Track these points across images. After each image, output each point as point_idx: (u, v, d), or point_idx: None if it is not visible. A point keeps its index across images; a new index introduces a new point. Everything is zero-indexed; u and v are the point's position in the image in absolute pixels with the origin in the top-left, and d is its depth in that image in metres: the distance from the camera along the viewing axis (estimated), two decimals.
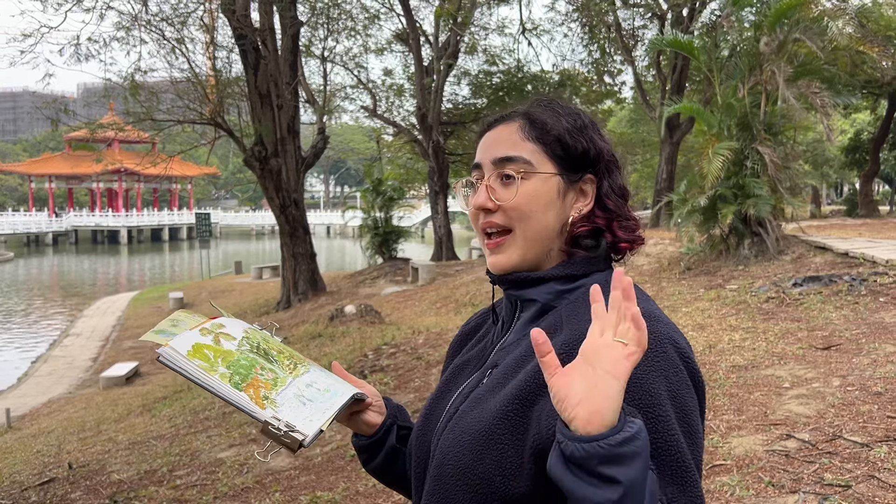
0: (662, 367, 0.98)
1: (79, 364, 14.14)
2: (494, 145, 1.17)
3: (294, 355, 1.29)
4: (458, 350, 1.34)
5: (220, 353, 1.17)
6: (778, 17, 10.62)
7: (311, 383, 1.23)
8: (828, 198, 48.13)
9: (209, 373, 1.12)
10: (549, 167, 1.14)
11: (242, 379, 1.14)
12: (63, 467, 6.63)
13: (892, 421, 4.24)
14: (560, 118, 1.17)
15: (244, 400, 1.11)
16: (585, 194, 1.17)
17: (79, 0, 13.74)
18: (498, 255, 1.15)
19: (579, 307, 1.10)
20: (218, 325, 1.26)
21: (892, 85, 20.60)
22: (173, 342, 1.14)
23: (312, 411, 1.16)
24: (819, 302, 7.77)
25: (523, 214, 1.13)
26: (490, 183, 1.15)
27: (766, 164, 10.52)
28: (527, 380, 1.04)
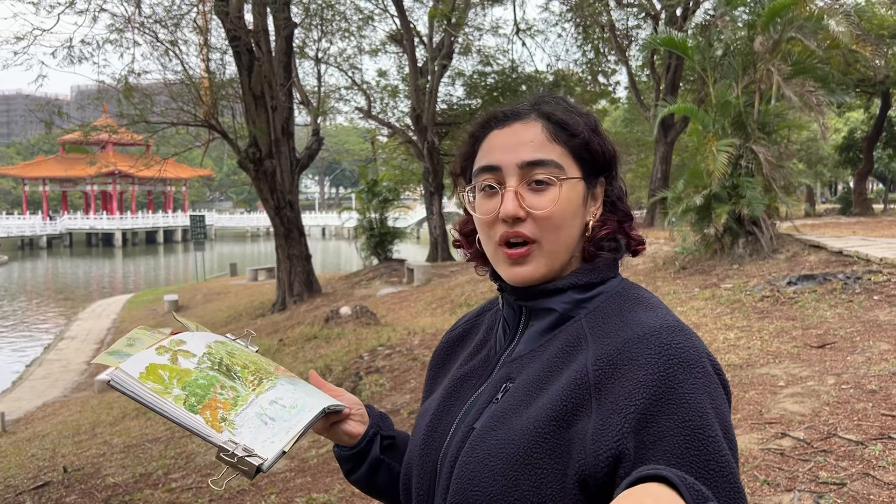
0: (705, 384, 0.94)
1: (74, 367, 14.10)
2: (518, 146, 1.07)
3: (261, 369, 1.20)
4: (446, 359, 1.28)
5: (177, 372, 1.09)
6: (772, 16, 10.65)
7: (276, 399, 1.14)
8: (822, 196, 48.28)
9: (162, 396, 1.04)
10: (576, 172, 1.08)
11: (199, 400, 1.06)
12: (58, 471, 6.60)
13: (886, 419, 4.25)
14: (577, 118, 1.10)
15: (199, 423, 1.03)
16: (597, 198, 1.12)
17: (71, 2, 13.70)
18: (523, 267, 1.06)
19: (603, 318, 1.05)
20: (178, 341, 1.16)
21: (885, 84, 20.67)
22: (125, 364, 1.06)
23: (275, 431, 1.07)
24: (813, 300, 7.78)
25: (555, 225, 1.05)
26: (520, 189, 1.06)
27: (760, 163, 10.54)
28: (561, 398, 0.98)
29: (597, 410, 0.95)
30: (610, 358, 0.97)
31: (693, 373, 0.94)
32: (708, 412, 0.92)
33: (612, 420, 0.93)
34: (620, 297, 1.08)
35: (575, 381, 0.98)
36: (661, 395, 0.92)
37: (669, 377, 0.93)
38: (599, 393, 0.95)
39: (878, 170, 34.44)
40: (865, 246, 10.43)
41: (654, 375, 0.93)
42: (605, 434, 0.92)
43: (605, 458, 0.92)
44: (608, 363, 0.97)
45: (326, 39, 21.44)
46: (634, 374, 0.94)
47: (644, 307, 1.04)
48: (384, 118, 24.60)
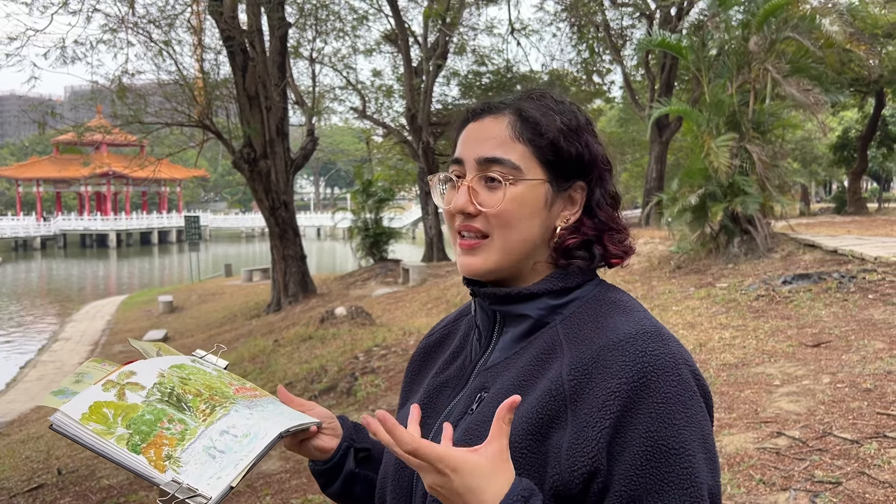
0: (679, 393, 0.92)
1: (68, 369, 14.04)
2: (480, 141, 1.05)
3: (217, 393, 1.14)
4: (423, 365, 1.25)
5: (122, 409, 1.04)
6: (766, 16, 10.67)
7: (228, 429, 1.08)
8: (817, 195, 48.39)
9: (105, 437, 0.99)
10: (538, 173, 1.04)
11: (143, 438, 1.01)
12: (52, 473, 6.58)
13: (881, 417, 4.26)
14: (554, 117, 1.06)
15: (142, 464, 0.98)
16: (574, 202, 1.08)
17: (65, 2, 13.65)
18: (471, 258, 1.06)
19: (578, 324, 1.02)
20: (127, 373, 1.10)
21: (879, 83, 20.72)
22: (66, 406, 1.01)
23: (223, 465, 1.02)
24: (808, 299, 7.80)
25: (505, 223, 1.03)
26: (472, 184, 1.04)
27: (754, 163, 10.56)
28: (536, 411, 0.95)
29: (572, 422, 0.93)
30: (584, 367, 0.96)
31: (667, 380, 0.92)
32: (677, 422, 0.91)
33: (587, 433, 0.91)
34: (596, 301, 1.05)
35: (550, 392, 0.96)
36: (632, 405, 0.91)
37: (641, 386, 0.91)
38: (575, 404, 0.94)
39: (872, 169, 34.56)
40: (860, 245, 10.45)
41: (626, 385, 0.92)
42: (580, 449, 0.91)
43: (579, 473, 0.91)
44: (583, 372, 0.95)
45: (321, 39, 21.40)
46: (608, 383, 0.93)
47: (620, 311, 1.02)
48: (379, 118, 24.58)
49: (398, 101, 24.55)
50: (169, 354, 1.22)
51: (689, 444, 0.91)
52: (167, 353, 1.23)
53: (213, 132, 15.71)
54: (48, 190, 62.93)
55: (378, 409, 1.32)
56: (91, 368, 1.14)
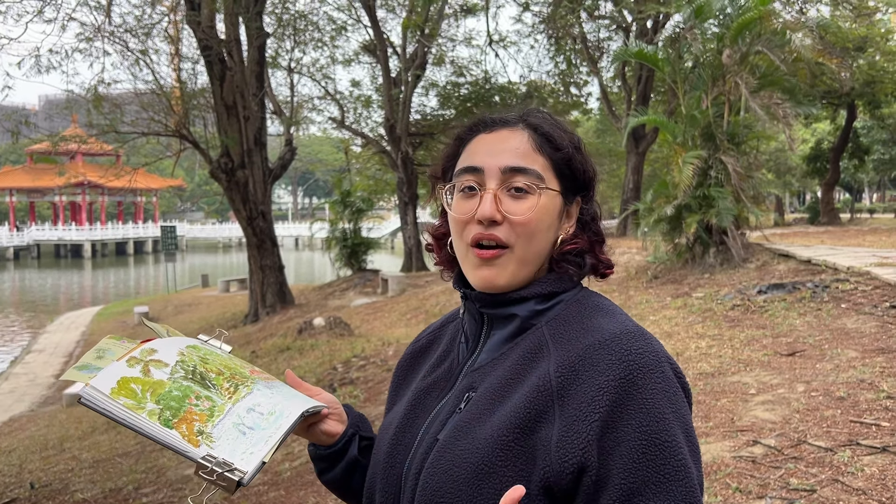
0: (665, 388, 0.97)
1: (41, 381, 13.85)
2: (503, 152, 1.08)
3: (237, 373, 1.17)
4: (409, 370, 1.27)
5: (150, 385, 1.05)
6: (740, 30, 10.82)
7: (254, 407, 1.11)
8: (791, 206, 49.03)
9: (136, 412, 1.00)
10: (555, 185, 1.09)
11: (174, 414, 1.02)
12: (25, 487, 6.48)
13: (854, 425, 4.32)
14: (562, 133, 1.12)
15: (175, 439, 0.99)
16: (570, 216, 1.13)
17: (39, 11, 13.54)
18: (490, 269, 1.07)
19: (564, 325, 1.06)
20: (149, 350, 1.12)
21: (850, 95, 21.09)
22: (95, 380, 1.02)
23: (253, 441, 1.04)
24: (783, 309, 7.89)
25: (530, 232, 1.06)
26: (499, 193, 1.07)
27: (729, 174, 10.69)
28: (524, 406, 0.99)
29: (560, 417, 0.96)
30: (572, 364, 0.99)
31: (653, 377, 0.96)
32: (667, 416, 0.95)
33: (577, 427, 0.94)
34: (580, 304, 1.10)
35: (537, 389, 0.99)
36: (621, 401, 0.95)
37: (629, 382, 0.95)
38: (562, 399, 0.97)
39: (844, 180, 35.11)
40: (833, 255, 10.61)
41: (614, 381, 0.95)
42: (570, 442, 0.94)
43: (570, 466, 0.93)
44: (570, 370, 0.99)
45: (299, 49, 21.40)
46: (596, 379, 0.96)
47: (603, 314, 1.07)
48: (358, 128, 24.58)
49: (377, 111, 24.58)
50: (176, 336, 1.24)
51: (678, 437, 0.95)
52: (175, 335, 1.25)
53: (190, 142, 15.63)
54: (21, 199, 62.09)
55: None
56: (111, 345, 1.14)
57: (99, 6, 14.19)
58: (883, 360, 5.55)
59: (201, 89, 16.61)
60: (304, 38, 20.97)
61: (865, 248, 12.37)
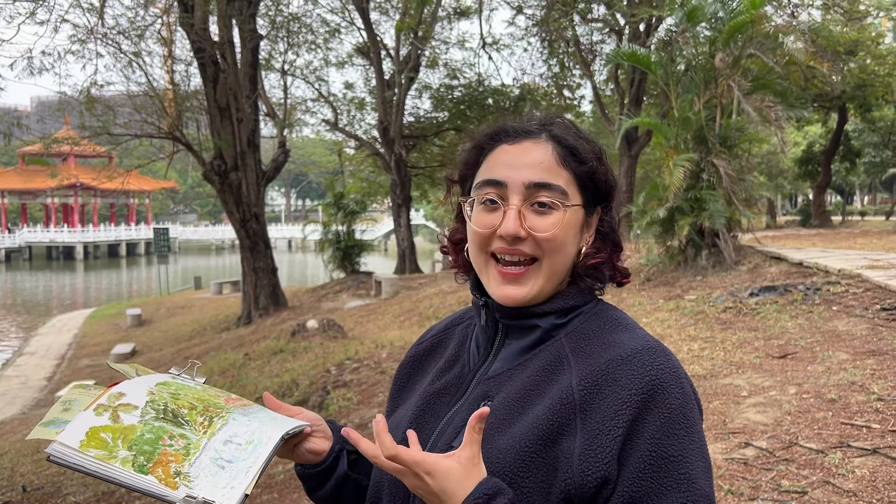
0: (682, 405, 0.99)
1: (33, 384, 13.79)
2: (526, 166, 1.07)
3: (210, 405, 1.13)
4: (413, 373, 1.26)
5: (120, 431, 1.01)
6: (732, 33, 10.87)
7: (230, 438, 1.07)
8: (783, 208, 49.20)
9: (108, 461, 0.97)
10: (578, 199, 1.09)
11: (148, 458, 0.99)
12: (17, 490, 6.45)
13: (845, 427, 4.34)
14: (585, 144, 1.11)
15: (152, 484, 0.96)
16: (590, 226, 1.13)
17: (32, 13, 13.50)
18: (517, 287, 1.07)
19: (584, 338, 1.07)
20: (116, 395, 1.08)
21: (841, 99, 21.19)
22: (62, 435, 0.98)
23: (233, 475, 1.01)
24: (775, 311, 7.92)
25: (556, 248, 1.06)
26: (523, 209, 1.06)
27: (721, 177, 10.72)
28: (547, 418, 0.99)
29: (582, 430, 0.97)
30: (594, 379, 1.01)
31: (672, 393, 0.99)
32: (678, 432, 0.97)
33: (600, 441, 0.96)
34: (598, 317, 1.10)
35: (560, 401, 1.00)
36: (640, 416, 0.97)
37: (649, 398, 0.98)
38: (584, 413, 0.99)
39: (835, 182, 35.23)
40: (824, 257, 10.65)
41: (636, 396, 0.97)
42: (594, 455, 0.96)
43: (593, 479, 0.95)
44: (593, 384, 1.00)
45: (293, 51, 21.42)
46: (618, 394, 0.98)
47: (623, 329, 1.08)
48: (351, 130, 24.58)
49: (370, 113, 24.58)
50: (146, 374, 1.20)
51: (689, 452, 0.97)
52: (144, 373, 1.21)
53: (183, 144, 15.61)
54: (13, 201, 61.86)
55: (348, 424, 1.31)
56: (77, 395, 1.11)
57: (92, 8, 14.17)
58: (874, 362, 5.58)
59: (194, 91, 16.60)
60: (298, 41, 20.99)
61: (856, 250, 12.42)
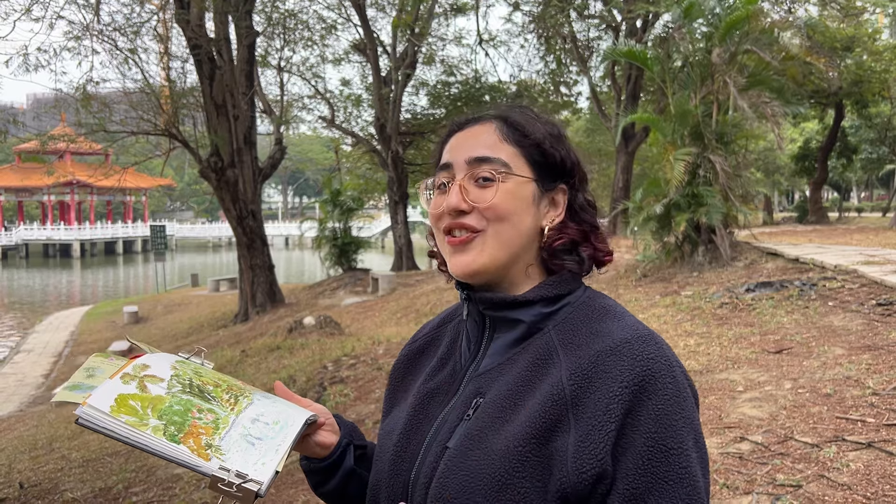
0: (675, 394, 0.97)
1: (30, 381, 13.79)
2: (469, 145, 1.10)
3: (233, 385, 1.14)
4: (407, 372, 1.26)
5: (149, 401, 1.01)
6: (728, 29, 10.88)
7: (258, 417, 1.08)
8: (779, 205, 49.28)
9: (139, 429, 0.96)
10: (526, 172, 1.09)
11: (179, 428, 0.99)
12: (14, 487, 6.45)
13: (840, 422, 4.36)
14: (537, 124, 1.13)
15: (185, 454, 0.97)
16: (557, 205, 1.12)
17: (27, 9, 13.46)
18: (464, 255, 1.07)
19: (572, 329, 1.05)
20: (141, 366, 1.08)
21: (838, 95, 21.21)
22: (92, 399, 0.98)
23: (264, 451, 1.02)
24: (771, 307, 7.94)
25: (499, 215, 1.06)
26: (464, 183, 1.08)
27: (717, 173, 10.74)
28: (539, 415, 0.98)
29: (575, 426, 0.96)
30: (584, 372, 0.98)
31: (664, 383, 0.96)
32: (676, 422, 0.95)
33: (593, 437, 0.94)
34: (587, 307, 1.08)
35: (551, 397, 0.98)
36: (633, 408, 0.95)
37: (641, 390, 0.95)
38: (576, 408, 0.96)
39: (832, 179, 35.29)
40: (820, 253, 10.68)
41: (628, 388, 0.95)
42: (588, 452, 0.94)
43: (588, 476, 0.93)
44: (583, 377, 0.98)
45: (289, 48, 21.36)
46: (609, 387, 0.96)
47: (612, 317, 1.05)
48: (348, 127, 24.56)
49: (367, 110, 24.56)
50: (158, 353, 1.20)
51: (686, 442, 0.95)
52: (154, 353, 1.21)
53: (179, 141, 15.58)
54: (9, 199, 61.73)
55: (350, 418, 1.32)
56: (99, 363, 1.11)
57: (87, 4, 14.13)
58: (869, 357, 5.60)
59: (191, 88, 16.56)
60: (294, 37, 20.94)
61: (853, 246, 12.45)
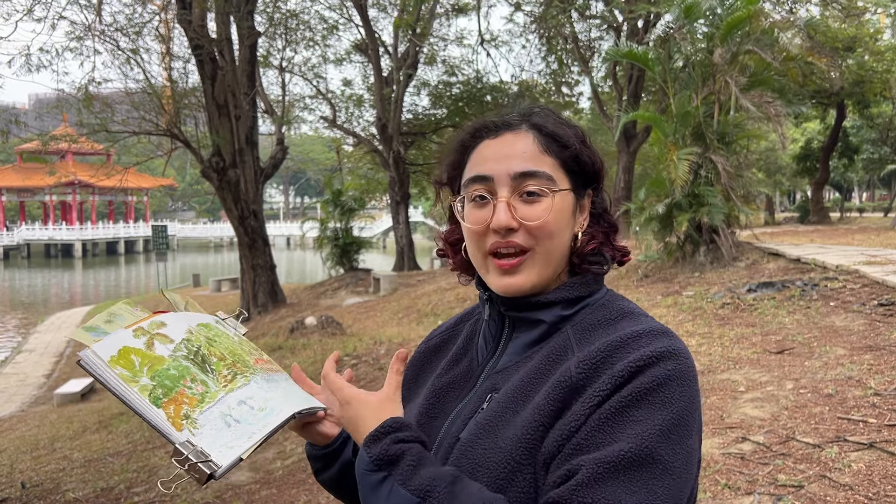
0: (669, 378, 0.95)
1: (32, 381, 13.80)
2: (510, 157, 1.07)
3: (239, 361, 1.16)
4: (422, 369, 1.27)
5: (149, 359, 1.04)
6: (730, 29, 10.87)
7: (246, 399, 1.09)
8: (781, 205, 49.24)
9: (129, 383, 0.99)
10: (566, 183, 1.09)
11: (165, 393, 1.01)
12: (16, 487, 6.46)
13: (842, 422, 4.36)
14: (567, 129, 1.11)
15: (160, 419, 0.98)
16: (584, 209, 1.13)
17: (29, 10, 13.48)
18: (515, 277, 1.06)
19: (590, 329, 1.06)
20: (158, 323, 1.11)
21: (839, 95, 21.19)
22: (97, 345, 1.02)
23: (236, 436, 1.02)
24: (772, 307, 7.94)
25: (550, 233, 1.06)
26: (511, 200, 1.06)
27: (719, 173, 10.73)
28: (547, 403, 0.98)
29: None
30: (592, 360, 0.98)
31: (661, 367, 0.94)
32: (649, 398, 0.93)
33: (577, 410, 0.95)
34: (606, 308, 1.09)
35: (559, 385, 0.99)
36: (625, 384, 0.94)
37: (638, 371, 0.94)
38: (581, 394, 0.97)
39: (834, 179, 35.26)
40: (822, 253, 10.67)
41: (626, 370, 0.94)
42: (568, 424, 0.94)
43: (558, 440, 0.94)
44: (590, 366, 0.98)
45: (291, 48, 21.38)
46: (611, 371, 0.96)
47: (629, 318, 1.05)
48: (349, 127, 24.56)
49: (368, 110, 24.56)
50: (195, 311, 1.23)
51: (654, 419, 0.91)
52: (193, 309, 1.24)
53: (181, 141, 15.59)
54: (11, 199, 61.77)
55: None
56: (122, 311, 1.14)
57: (89, 5, 14.16)
58: (870, 357, 5.60)
59: (192, 88, 16.58)
60: (296, 38, 20.96)
61: (854, 246, 12.44)
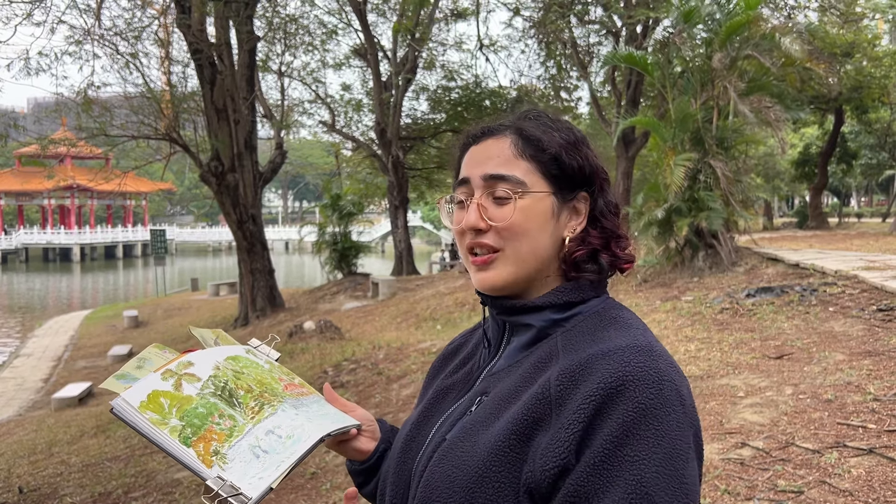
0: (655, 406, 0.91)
1: (29, 385, 13.77)
2: (485, 161, 1.10)
3: (267, 390, 1.18)
4: (440, 371, 1.29)
5: (177, 400, 1.07)
6: (729, 34, 10.89)
7: (274, 429, 1.11)
8: (780, 210, 49.27)
9: (159, 427, 1.03)
10: (543, 186, 1.09)
11: (194, 431, 1.04)
12: (13, 492, 6.44)
13: (841, 427, 4.35)
14: (553, 133, 1.11)
15: (190, 457, 1.02)
16: (578, 213, 1.12)
17: (28, 14, 13.49)
18: (487, 272, 1.09)
19: (577, 336, 1.04)
20: (185, 363, 1.14)
21: (838, 100, 21.24)
22: (128, 392, 1.05)
23: (265, 465, 1.04)
24: (771, 312, 7.93)
25: (515, 235, 1.07)
26: (481, 201, 1.09)
27: (718, 178, 10.74)
28: (522, 413, 0.98)
29: (554, 424, 0.94)
30: (572, 372, 0.97)
31: (644, 392, 0.92)
32: (641, 433, 0.90)
33: (561, 435, 0.93)
34: (598, 316, 1.07)
35: (537, 396, 0.98)
36: (603, 410, 0.91)
37: (617, 393, 0.91)
38: (559, 407, 0.95)
39: (832, 184, 35.31)
40: (821, 259, 10.68)
41: (603, 390, 0.92)
42: (553, 449, 0.93)
43: (550, 472, 0.92)
44: (570, 378, 0.96)
45: (290, 53, 21.42)
46: (588, 387, 0.93)
47: (618, 327, 1.03)
48: (348, 132, 24.57)
49: (367, 115, 24.57)
50: (226, 343, 1.26)
51: (649, 458, 0.89)
52: (225, 341, 1.27)
53: (180, 145, 15.59)
54: (9, 203, 61.74)
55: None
56: (152, 355, 1.19)
57: (89, 9, 14.17)
58: (870, 362, 5.59)
59: (191, 93, 16.58)
60: (295, 42, 21.00)
61: (853, 251, 12.45)
